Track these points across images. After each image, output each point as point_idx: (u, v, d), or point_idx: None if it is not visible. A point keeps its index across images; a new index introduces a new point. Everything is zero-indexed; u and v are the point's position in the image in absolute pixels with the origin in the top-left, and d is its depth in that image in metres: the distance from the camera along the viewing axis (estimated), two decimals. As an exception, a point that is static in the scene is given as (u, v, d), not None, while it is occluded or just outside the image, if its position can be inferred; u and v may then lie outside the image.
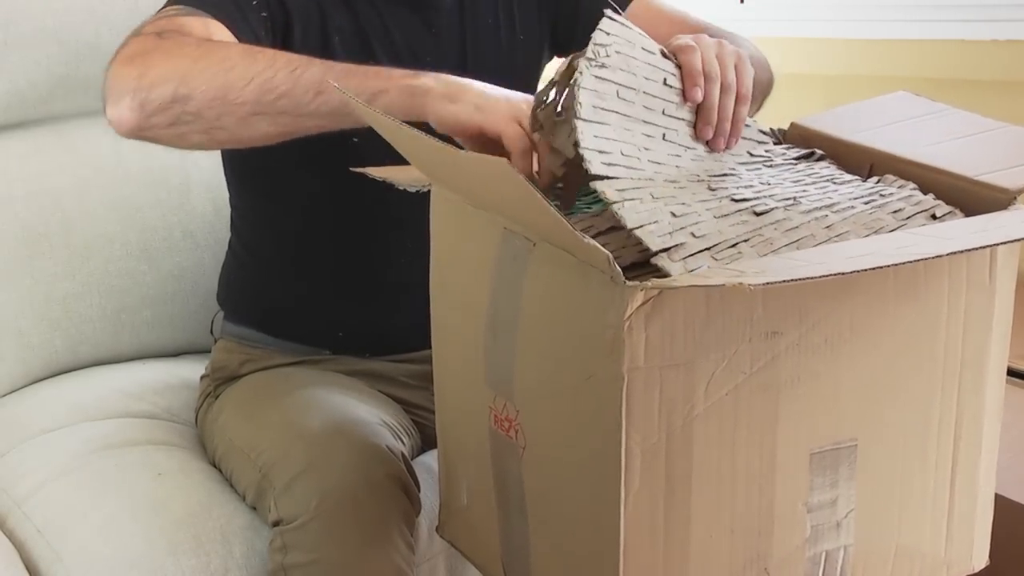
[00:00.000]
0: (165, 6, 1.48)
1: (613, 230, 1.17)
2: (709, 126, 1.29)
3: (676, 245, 1.12)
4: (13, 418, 1.82)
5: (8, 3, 1.89)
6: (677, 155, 1.26)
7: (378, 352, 1.73)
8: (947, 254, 1.08)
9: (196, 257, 2.01)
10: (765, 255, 1.13)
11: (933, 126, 1.45)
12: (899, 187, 1.30)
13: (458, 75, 1.62)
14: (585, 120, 1.19)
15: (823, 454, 1.18)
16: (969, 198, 1.28)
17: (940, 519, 1.28)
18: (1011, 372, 1.97)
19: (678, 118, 1.29)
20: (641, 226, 1.12)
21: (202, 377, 1.80)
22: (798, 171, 1.33)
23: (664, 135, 1.26)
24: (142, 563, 1.50)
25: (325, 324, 1.72)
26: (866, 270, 1.03)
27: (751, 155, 1.34)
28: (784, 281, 0.98)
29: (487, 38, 1.69)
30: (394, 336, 1.72)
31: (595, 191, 1.17)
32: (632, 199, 1.15)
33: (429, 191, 1.34)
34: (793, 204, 1.22)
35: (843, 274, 1.02)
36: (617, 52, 1.24)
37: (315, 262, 1.71)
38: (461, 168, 1.18)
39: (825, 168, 1.35)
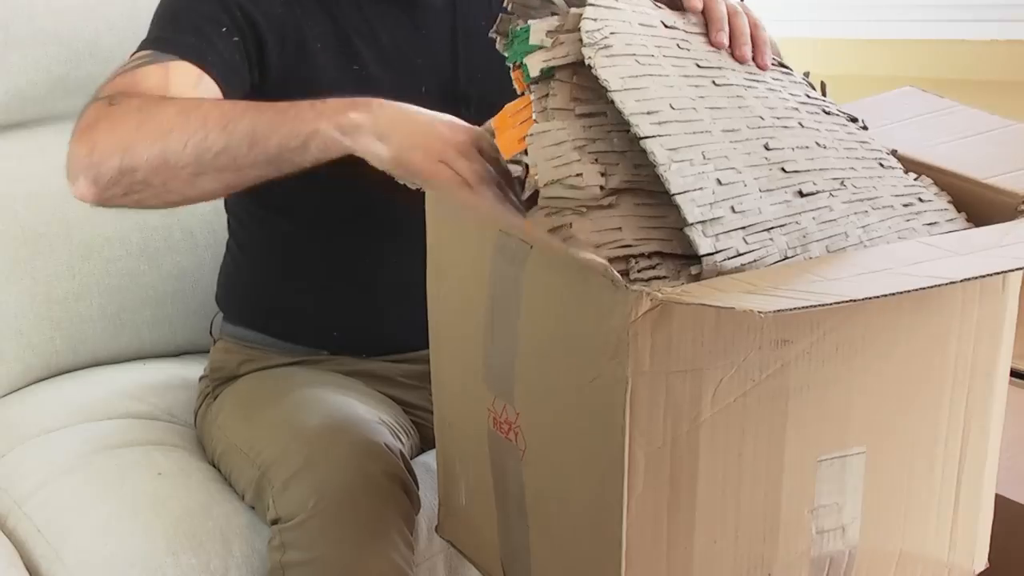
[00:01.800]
0: (135, 52, 1.50)
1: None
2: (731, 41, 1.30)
3: (713, 219, 1.11)
4: (13, 418, 1.82)
5: (8, 3, 1.89)
6: (739, 95, 1.24)
7: (376, 352, 1.73)
8: (960, 280, 1.08)
9: (196, 257, 2.00)
10: (791, 253, 1.13)
11: (941, 124, 1.45)
12: (935, 194, 1.29)
13: (448, 76, 1.60)
14: (620, 90, 1.15)
15: (831, 461, 1.18)
16: (977, 200, 1.27)
17: (944, 524, 1.28)
18: (1012, 372, 1.97)
19: (716, 67, 1.26)
20: (684, 192, 1.11)
21: (201, 378, 1.80)
22: (849, 135, 1.30)
23: (714, 80, 1.24)
24: (142, 562, 1.50)
25: (322, 324, 1.72)
26: (878, 297, 1.02)
27: (809, 97, 1.32)
28: (795, 309, 0.97)
29: (478, 39, 1.69)
30: (391, 336, 1.71)
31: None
32: (681, 160, 1.13)
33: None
34: (840, 188, 1.20)
35: (854, 301, 1.01)
36: (612, 33, 1.21)
37: (311, 263, 1.71)
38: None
39: (871, 139, 1.32)
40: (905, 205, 1.24)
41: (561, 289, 1.13)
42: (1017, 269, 1.13)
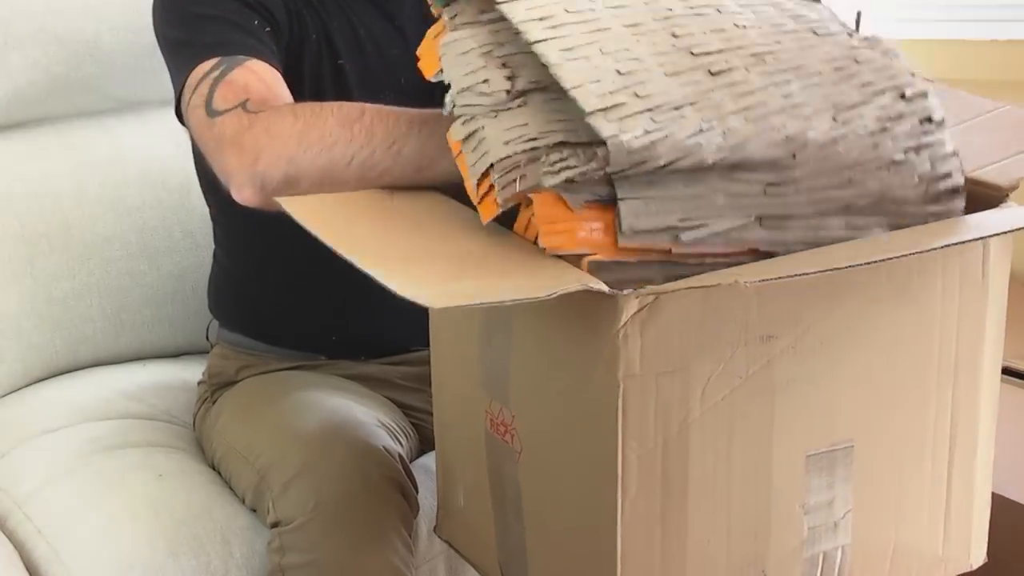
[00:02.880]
0: (198, 62, 1.47)
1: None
2: None
3: (614, 105, 1.09)
4: (13, 418, 1.83)
5: (8, 3, 1.89)
6: None
7: (373, 355, 1.73)
8: (940, 247, 1.08)
9: (196, 257, 2.00)
10: (705, 126, 1.11)
11: None
12: (882, 53, 1.25)
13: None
14: (507, 1, 1.14)
15: (819, 456, 1.18)
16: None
17: (937, 517, 1.28)
18: (1011, 372, 1.97)
19: None
20: (579, 86, 1.09)
21: (199, 382, 1.80)
22: (784, 11, 1.27)
23: None
24: (142, 564, 1.50)
25: (318, 329, 1.72)
26: (859, 265, 1.02)
27: None
28: (780, 278, 0.97)
29: None
30: (388, 338, 1.71)
31: None
32: (576, 58, 1.12)
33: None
34: (756, 64, 1.18)
35: (837, 269, 1.01)
36: None
37: (302, 269, 1.69)
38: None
39: (815, 12, 1.28)
40: (836, 69, 1.20)
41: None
42: (991, 236, 1.13)
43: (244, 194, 1.35)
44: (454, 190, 1.30)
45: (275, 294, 1.74)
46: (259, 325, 1.75)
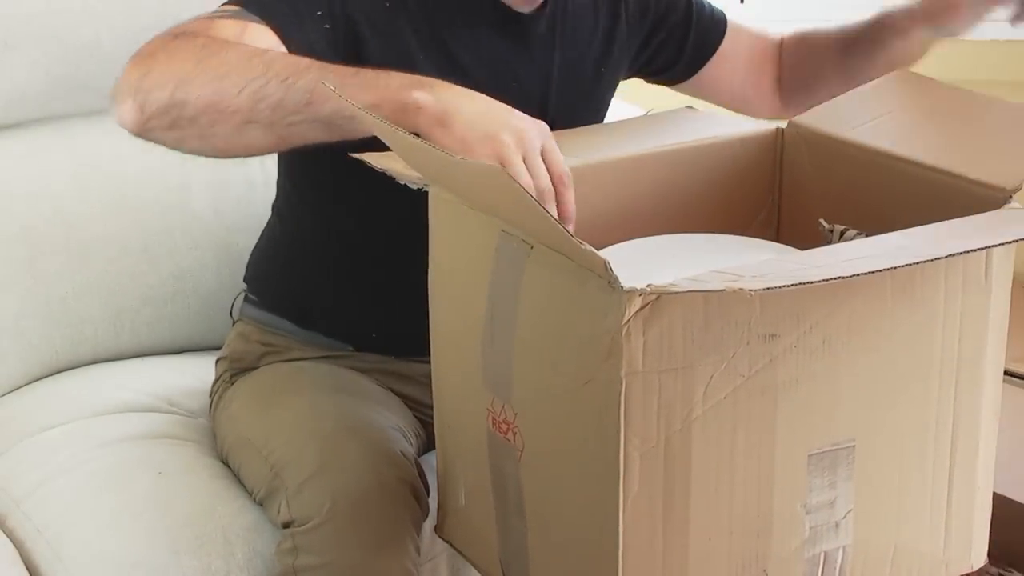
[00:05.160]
0: (222, 4, 1.46)
1: None
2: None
3: None
4: (13, 417, 1.82)
5: (8, 3, 1.88)
6: None
7: (405, 353, 1.69)
8: (945, 256, 1.08)
9: (196, 257, 2.00)
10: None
11: (932, 110, 1.45)
12: None
13: (538, 102, 1.57)
14: None
15: (821, 455, 1.18)
16: (965, 197, 1.28)
17: (938, 518, 1.28)
18: (1013, 375, 1.97)
19: None
20: None
21: (218, 360, 1.77)
22: None
23: None
24: (143, 563, 1.50)
25: (360, 323, 1.69)
26: (865, 273, 1.03)
27: None
28: (783, 286, 0.98)
29: (572, 69, 1.65)
30: (426, 338, 1.70)
31: None
32: None
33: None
34: None
35: (842, 278, 1.02)
36: None
37: (363, 263, 1.67)
38: (457, 174, 1.19)
39: None
40: None
41: (558, 290, 1.14)
42: (998, 245, 1.14)
43: (123, 111, 1.34)
44: (339, 134, 1.32)
45: (328, 279, 1.70)
46: (295, 304, 1.72)
